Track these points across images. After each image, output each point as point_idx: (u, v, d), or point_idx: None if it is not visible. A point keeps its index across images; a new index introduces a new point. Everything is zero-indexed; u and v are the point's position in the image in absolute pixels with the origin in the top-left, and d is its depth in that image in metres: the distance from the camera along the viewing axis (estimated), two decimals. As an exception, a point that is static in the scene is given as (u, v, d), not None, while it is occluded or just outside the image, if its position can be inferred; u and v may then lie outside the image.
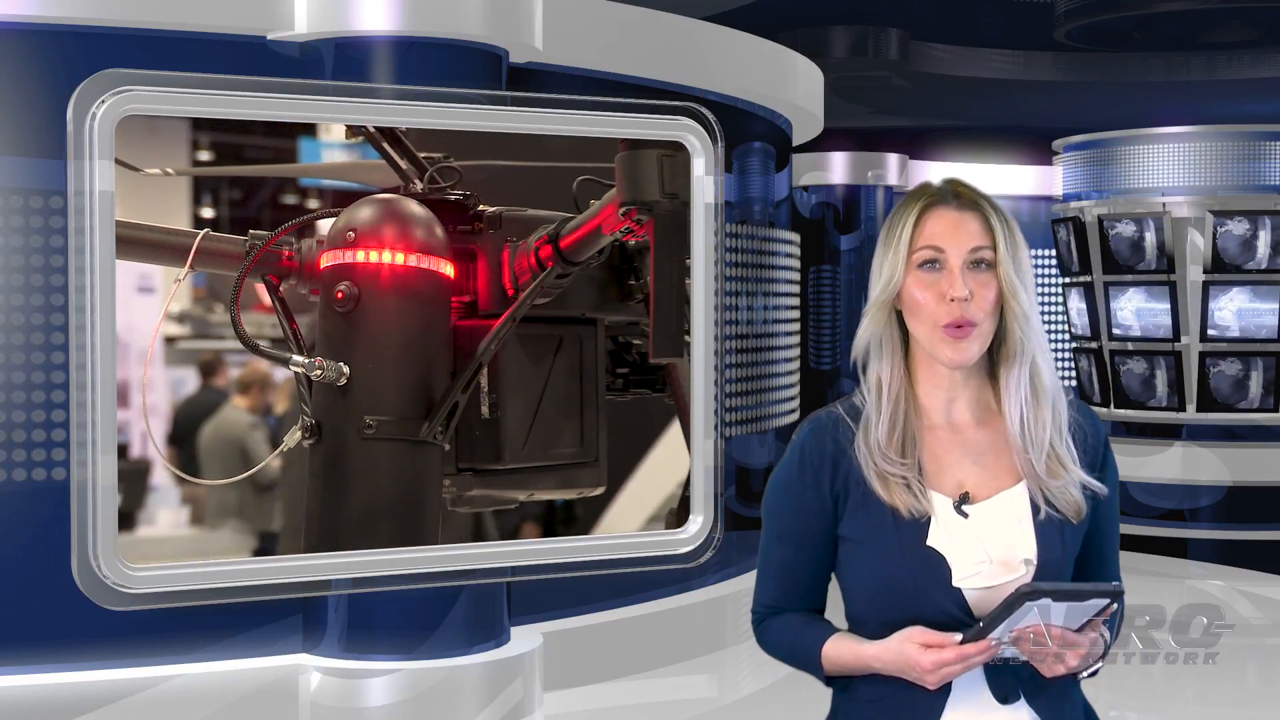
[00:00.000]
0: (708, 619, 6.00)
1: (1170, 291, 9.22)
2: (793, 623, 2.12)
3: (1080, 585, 1.92)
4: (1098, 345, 9.65)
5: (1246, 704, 6.23)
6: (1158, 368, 9.34)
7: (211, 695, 4.58)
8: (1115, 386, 9.50)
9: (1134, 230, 9.29)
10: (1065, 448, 2.05)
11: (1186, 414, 9.28)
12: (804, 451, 2.08)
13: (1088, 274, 9.64)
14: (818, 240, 11.08)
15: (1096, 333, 9.62)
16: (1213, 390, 9.21)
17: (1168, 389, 9.29)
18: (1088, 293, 9.61)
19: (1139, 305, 9.39)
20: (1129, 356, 9.45)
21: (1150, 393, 9.36)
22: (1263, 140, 9.33)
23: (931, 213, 2.03)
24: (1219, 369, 9.21)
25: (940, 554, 2.00)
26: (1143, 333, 9.37)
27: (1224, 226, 9.11)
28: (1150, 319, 9.35)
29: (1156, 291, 9.32)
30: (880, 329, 2.07)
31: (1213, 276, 9.21)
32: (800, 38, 8.69)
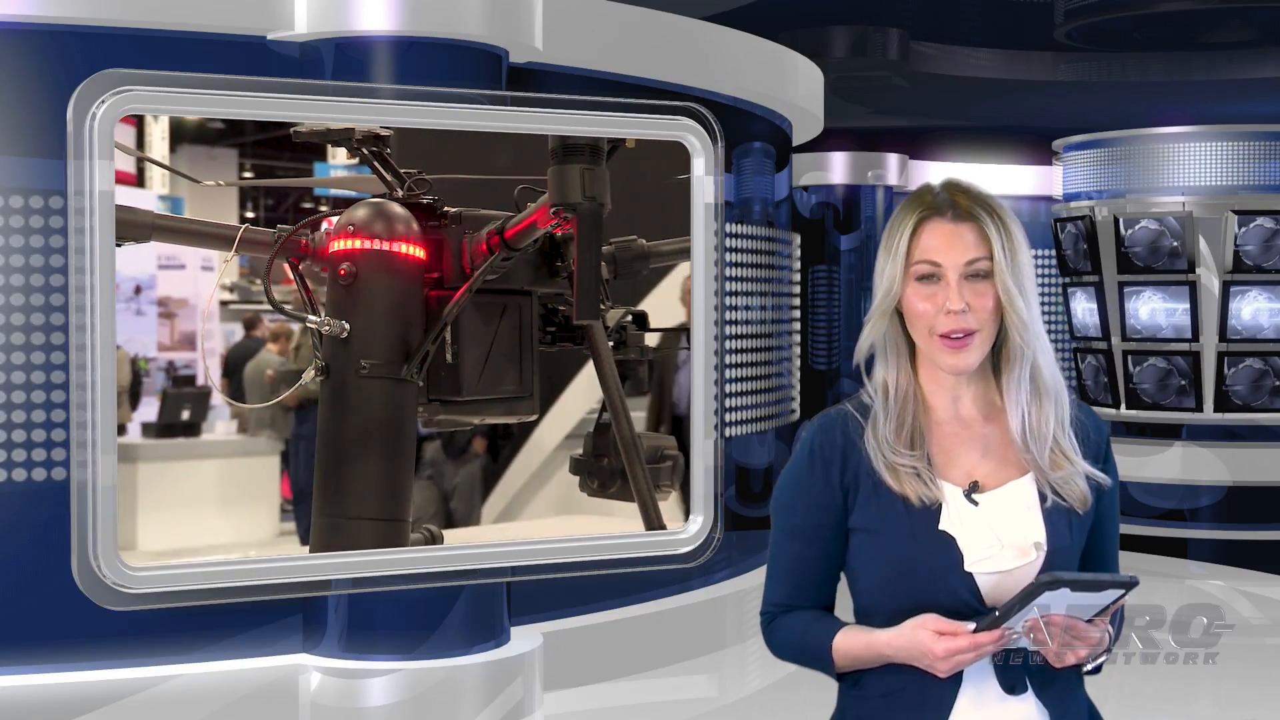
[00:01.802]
0: (708, 619, 6.00)
1: (1190, 292, 9.20)
2: (802, 620, 2.12)
3: (1097, 575, 1.92)
4: (1107, 345, 9.61)
5: (1246, 704, 6.23)
6: (1174, 368, 9.31)
7: (211, 695, 4.58)
8: (1127, 387, 9.46)
9: (1154, 230, 9.26)
10: (1068, 440, 2.07)
11: (1204, 414, 9.27)
12: (814, 446, 2.09)
13: (1096, 274, 9.59)
14: (818, 240, 11.08)
15: (1107, 333, 9.57)
16: (1230, 391, 9.20)
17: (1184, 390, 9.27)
18: (1098, 292, 9.57)
19: (1156, 305, 9.36)
20: (1145, 357, 9.41)
21: (1166, 393, 9.33)
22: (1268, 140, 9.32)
23: (927, 225, 2.04)
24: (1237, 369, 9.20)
25: (952, 538, 2.01)
26: (1159, 333, 9.34)
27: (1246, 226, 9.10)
28: (1168, 319, 9.32)
29: (1174, 291, 9.28)
30: (883, 333, 2.08)
31: (1233, 276, 9.20)
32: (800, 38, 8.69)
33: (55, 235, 4.35)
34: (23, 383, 4.36)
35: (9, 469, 4.36)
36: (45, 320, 4.36)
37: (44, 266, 4.36)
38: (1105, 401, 9.61)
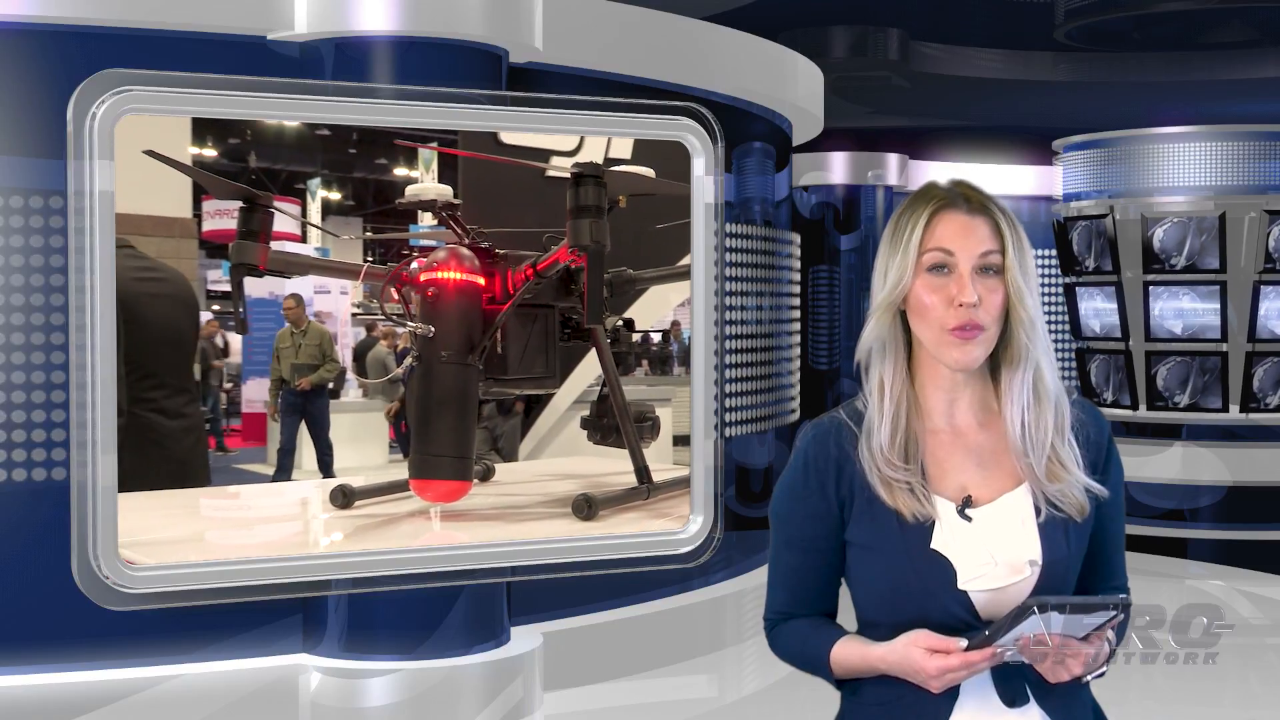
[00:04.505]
0: (708, 619, 5.99)
1: (1220, 292, 9.19)
2: (802, 628, 2.12)
3: (1088, 599, 1.90)
4: (1124, 346, 9.57)
5: (1247, 704, 6.23)
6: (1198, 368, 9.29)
7: (211, 695, 4.57)
8: (1149, 387, 9.43)
9: (1181, 229, 9.24)
10: (1067, 448, 2.05)
11: (1230, 414, 9.25)
12: (808, 458, 2.07)
13: (1114, 273, 9.55)
14: (818, 240, 11.08)
15: (1126, 333, 9.54)
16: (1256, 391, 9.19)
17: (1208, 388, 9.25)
18: (1118, 292, 9.53)
19: (1182, 305, 9.34)
20: (1166, 357, 9.38)
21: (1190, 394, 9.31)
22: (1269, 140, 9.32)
23: (942, 216, 2.01)
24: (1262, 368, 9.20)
25: (945, 557, 1.99)
26: (1187, 333, 9.31)
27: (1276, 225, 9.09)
28: (1196, 319, 9.30)
29: (1203, 291, 9.26)
30: (885, 331, 2.05)
31: (1261, 276, 9.19)
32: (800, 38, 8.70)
33: (55, 235, 4.35)
34: (23, 383, 4.36)
35: (9, 469, 4.36)
36: (45, 320, 4.36)
37: (44, 266, 4.35)
38: (1123, 403, 9.57)
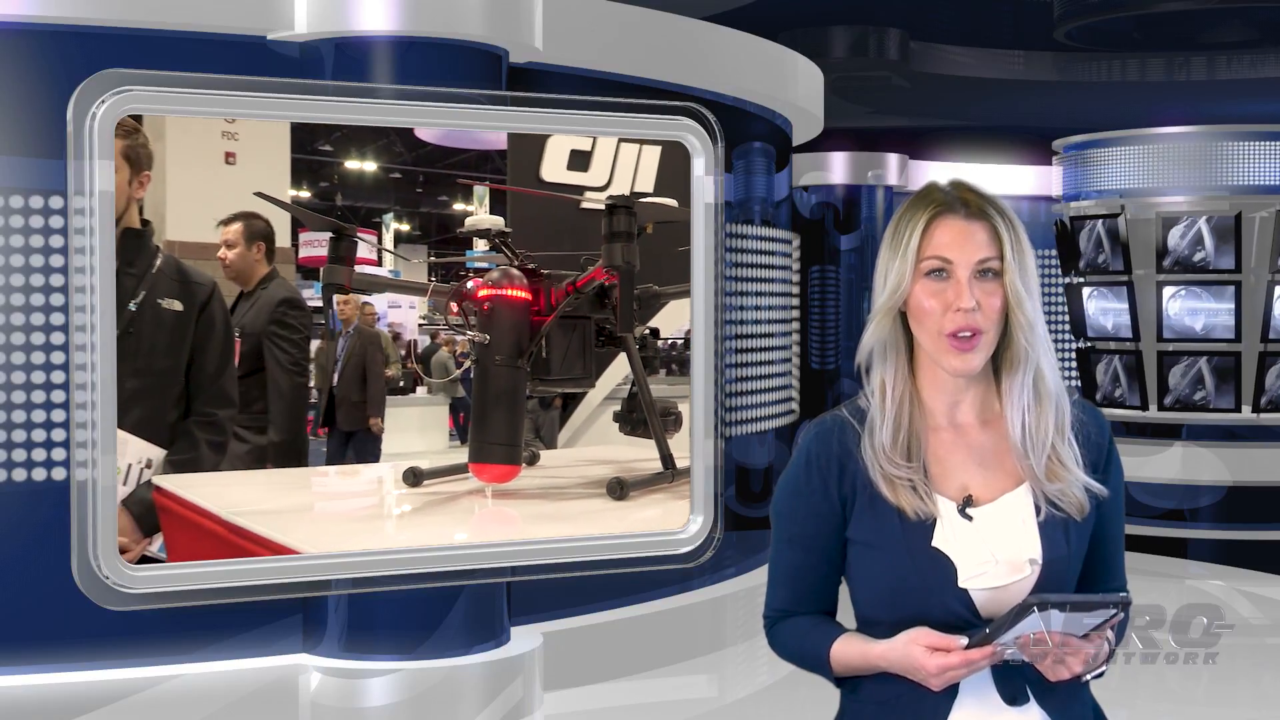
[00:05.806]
0: (708, 619, 5.99)
1: (1236, 292, 9.18)
2: (802, 625, 2.12)
3: (1089, 596, 1.90)
4: (1135, 346, 9.55)
5: (1246, 704, 6.23)
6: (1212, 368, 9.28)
7: (211, 695, 4.58)
8: (1160, 387, 9.41)
9: (1194, 228, 9.23)
10: (1067, 447, 2.05)
11: (1242, 415, 9.24)
12: (810, 455, 2.08)
13: (1125, 272, 9.53)
14: (818, 240, 11.08)
15: (1137, 333, 9.52)
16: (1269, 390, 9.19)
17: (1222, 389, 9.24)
18: (1129, 292, 9.51)
19: (1196, 305, 9.32)
20: (1181, 357, 9.36)
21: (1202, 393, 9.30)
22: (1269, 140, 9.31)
23: (940, 221, 2.01)
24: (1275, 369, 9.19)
25: (945, 555, 1.99)
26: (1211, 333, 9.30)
27: None
28: (1211, 319, 9.29)
29: (1218, 291, 9.25)
30: (885, 334, 2.05)
31: (1276, 276, 9.18)
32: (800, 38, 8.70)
33: (55, 235, 4.35)
34: (23, 383, 4.36)
35: (9, 469, 4.36)
36: (45, 320, 4.36)
37: (44, 266, 4.35)
38: (1131, 402, 9.56)
